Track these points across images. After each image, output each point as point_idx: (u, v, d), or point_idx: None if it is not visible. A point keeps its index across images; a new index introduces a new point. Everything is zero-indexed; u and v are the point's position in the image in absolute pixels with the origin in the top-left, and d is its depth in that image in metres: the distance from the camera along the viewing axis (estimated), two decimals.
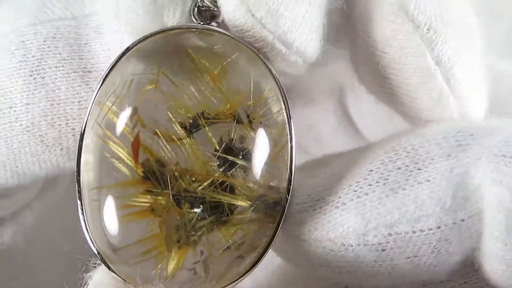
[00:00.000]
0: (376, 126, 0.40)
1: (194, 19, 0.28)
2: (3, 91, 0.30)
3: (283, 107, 0.27)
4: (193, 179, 0.26)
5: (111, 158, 0.27)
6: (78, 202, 0.27)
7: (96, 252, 0.27)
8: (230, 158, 0.26)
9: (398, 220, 0.26)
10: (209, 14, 0.29)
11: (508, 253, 0.25)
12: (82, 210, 0.27)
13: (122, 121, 0.27)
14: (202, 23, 0.28)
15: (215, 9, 0.28)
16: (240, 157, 0.26)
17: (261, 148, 0.26)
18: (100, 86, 0.27)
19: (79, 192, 0.27)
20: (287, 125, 0.27)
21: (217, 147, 0.26)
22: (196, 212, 0.26)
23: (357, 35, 0.30)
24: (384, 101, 0.31)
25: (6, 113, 0.30)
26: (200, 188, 0.26)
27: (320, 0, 0.28)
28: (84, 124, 0.28)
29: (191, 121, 0.26)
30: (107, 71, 0.28)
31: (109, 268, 0.27)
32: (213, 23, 0.28)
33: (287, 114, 0.27)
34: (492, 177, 0.24)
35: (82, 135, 0.27)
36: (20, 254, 0.39)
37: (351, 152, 0.29)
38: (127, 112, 0.27)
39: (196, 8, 0.28)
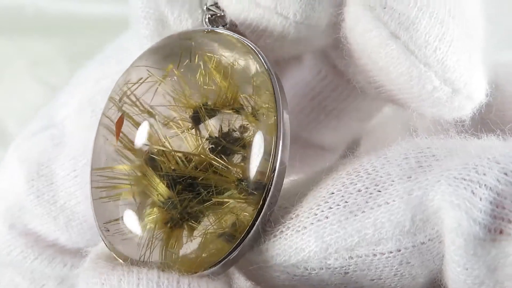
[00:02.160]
0: None
1: (206, 27, 0.30)
2: (84, 147, 0.34)
3: (275, 99, 0.28)
4: (183, 159, 0.27)
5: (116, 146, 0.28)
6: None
7: (97, 227, 0.28)
8: (224, 143, 0.27)
9: (358, 243, 0.25)
10: (220, 22, 0.30)
11: (469, 277, 0.24)
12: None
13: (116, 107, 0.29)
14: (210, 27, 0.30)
15: (220, 13, 0.30)
16: (237, 144, 0.27)
17: (258, 138, 0.27)
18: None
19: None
20: (276, 116, 0.27)
21: (212, 134, 0.27)
22: (186, 194, 0.26)
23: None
24: (380, 97, 0.31)
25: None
26: (190, 169, 0.26)
27: None
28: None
29: (193, 112, 0.27)
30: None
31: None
32: (220, 27, 0.30)
33: (277, 106, 0.27)
34: (450, 200, 0.24)
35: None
36: None
37: (314, 174, 0.29)
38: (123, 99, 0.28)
39: (207, 19, 0.30)
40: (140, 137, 0.27)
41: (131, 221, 0.27)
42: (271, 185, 0.27)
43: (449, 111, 0.29)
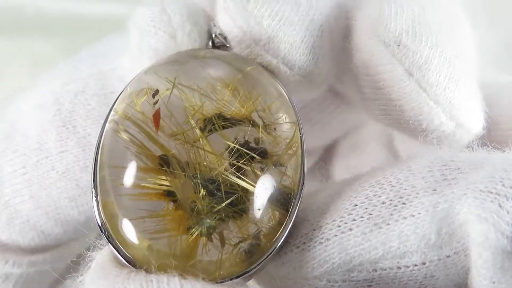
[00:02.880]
0: None
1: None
2: (39, 144, 0.33)
3: (293, 111, 0.29)
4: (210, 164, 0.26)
5: (127, 146, 0.27)
6: (92, 183, 0.27)
7: (99, 225, 0.26)
8: (246, 151, 0.26)
9: (382, 256, 0.25)
10: (222, 49, 0.31)
11: None
12: (94, 184, 0.27)
13: (138, 111, 0.27)
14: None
15: (227, 44, 0.31)
16: (257, 154, 0.27)
17: (275, 149, 0.27)
18: (116, 99, 0.28)
19: (94, 172, 0.27)
20: (298, 128, 0.28)
21: (232, 145, 0.27)
22: (211, 197, 0.26)
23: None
24: (383, 122, 0.32)
25: (43, 163, 0.33)
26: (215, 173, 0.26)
27: (318, 26, 0.31)
28: (102, 130, 0.28)
29: (206, 123, 0.27)
30: (124, 88, 0.29)
31: (115, 248, 0.26)
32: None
33: (297, 118, 0.28)
34: (477, 213, 0.24)
35: (99, 139, 0.27)
36: None
37: (335, 185, 0.29)
38: (145, 103, 0.27)
39: (211, 43, 0.31)
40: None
41: (152, 222, 0.26)
42: (297, 197, 0.27)
43: (449, 142, 0.30)
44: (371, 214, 0.26)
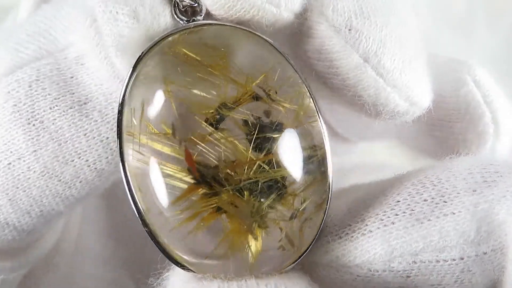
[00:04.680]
0: (354, 129, 0.40)
1: (179, 20, 0.29)
2: (6, 146, 0.30)
3: (293, 69, 0.28)
4: (244, 168, 0.27)
5: (165, 178, 0.27)
6: (146, 229, 0.27)
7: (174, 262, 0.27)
8: (267, 135, 0.27)
9: (422, 249, 0.27)
10: (190, 11, 0.29)
11: None
12: (151, 235, 0.27)
13: (159, 141, 0.27)
14: (187, 21, 0.29)
15: (195, 4, 0.29)
16: (274, 130, 0.27)
17: (288, 114, 0.27)
18: (121, 117, 0.28)
19: (143, 220, 0.27)
20: (304, 84, 0.28)
21: (248, 131, 0.27)
22: (256, 196, 0.27)
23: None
24: (338, 104, 0.32)
25: (16, 165, 0.30)
26: (251, 173, 0.27)
27: None
28: (120, 155, 0.27)
29: (217, 116, 0.27)
30: (120, 101, 0.28)
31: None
32: (198, 17, 0.29)
33: (299, 75, 0.28)
34: None
35: (124, 166, 0.27)
36: None
37: (378, 183, 0.30)
38: (162, 131, 0.27)
39: (177, 9, 0.29)
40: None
41: (221, 241, 0.27)
42: (326, 157, 0.28)
43: (401, 119, 0.30)
44: (413, 210, 0.27)
